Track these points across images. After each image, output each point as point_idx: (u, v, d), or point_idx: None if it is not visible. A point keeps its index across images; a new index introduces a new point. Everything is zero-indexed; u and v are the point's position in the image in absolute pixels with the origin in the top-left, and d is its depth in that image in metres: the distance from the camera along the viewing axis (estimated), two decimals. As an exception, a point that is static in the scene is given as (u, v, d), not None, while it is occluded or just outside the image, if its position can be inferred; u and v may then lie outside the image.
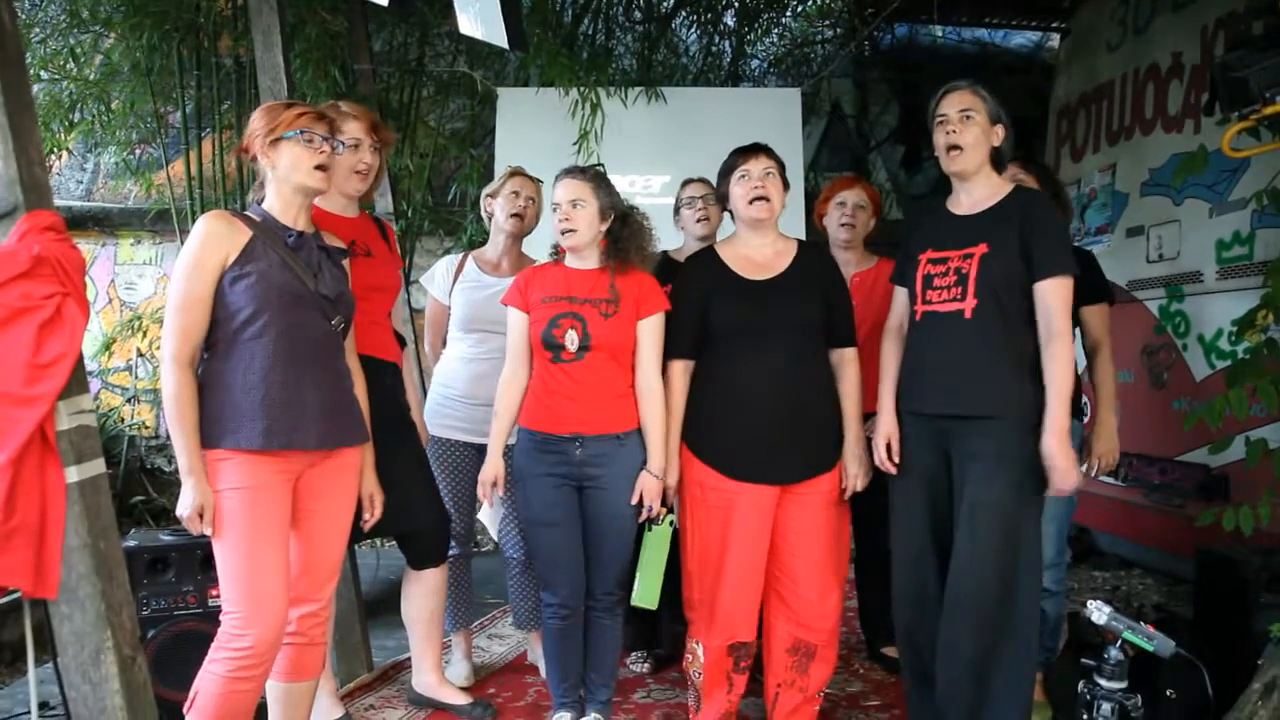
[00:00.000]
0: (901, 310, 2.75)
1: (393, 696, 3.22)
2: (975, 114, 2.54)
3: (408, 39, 6.04)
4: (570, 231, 2.70)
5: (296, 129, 2.28)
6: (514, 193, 3.29)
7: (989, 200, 2.58)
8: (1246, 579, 2.90)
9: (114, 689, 2.10)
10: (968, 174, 2.59)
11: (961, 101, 2.55)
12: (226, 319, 2.21)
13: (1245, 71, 2.67)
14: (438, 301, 3.39)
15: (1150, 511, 4.61)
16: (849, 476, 2.72)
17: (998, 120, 2.57)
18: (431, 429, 3.27)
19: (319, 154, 2.30)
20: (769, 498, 2.69)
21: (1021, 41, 7.34)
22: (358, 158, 2.78)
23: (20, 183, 2.07)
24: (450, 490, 3.24)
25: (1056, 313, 2.44)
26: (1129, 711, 2.14)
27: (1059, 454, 2.39)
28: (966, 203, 2.61)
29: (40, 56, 5.28)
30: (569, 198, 2.70)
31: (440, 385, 3.32)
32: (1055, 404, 2.40)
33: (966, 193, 2.62)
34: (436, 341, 3.47)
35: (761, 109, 5.55)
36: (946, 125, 2.56)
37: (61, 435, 2.08)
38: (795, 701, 2.78)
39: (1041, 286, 2.46)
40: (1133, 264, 4.81)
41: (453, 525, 3.26)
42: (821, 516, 2.71)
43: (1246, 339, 3.11)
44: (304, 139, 2.28)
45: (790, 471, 2.69)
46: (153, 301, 6.35)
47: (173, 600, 2.90)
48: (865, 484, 2.73)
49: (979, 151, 2.55)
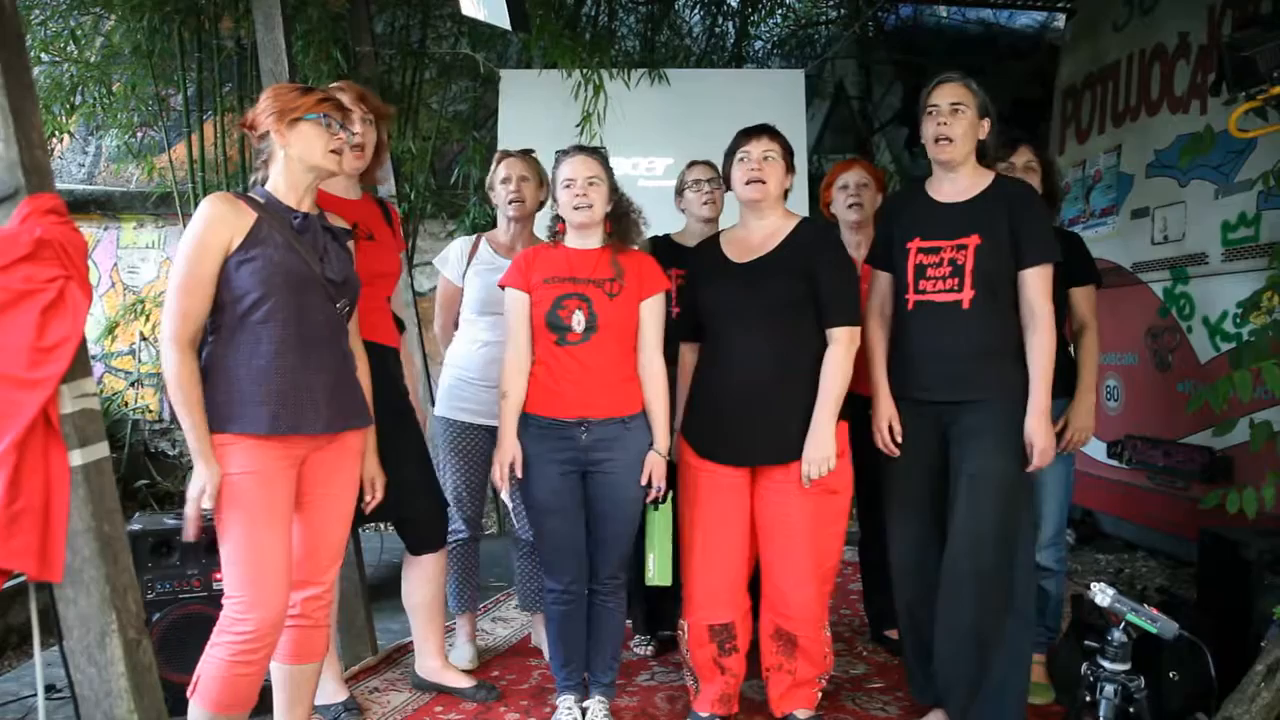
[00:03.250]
0: (885, 294, 2.78)
1: (397, 679, 3.23)
2: (965, 107, 2.61)
3: (409, 21, 6.01)
4: (586, 207, 2.68)
5: (319, 113, 2.28)
6: (504, 179, 3.26)
7: (973, 189, 2.65)
8: (1250, 561, 2.90)
9: (119, 672, 2.11)
10: (955, 164, 2.65)
11: (953, 94, 2.62)
12: (231, 302, 2.20)
13: (1253, 51, 2.65)
14: (451, 283, 3.37)
15: (1154, 494, 4.61)
16: (804, 463, 2.60)
17: (985, 114, 2.64)
18: (444, 412, 3.27)
19: (335, 139, 2.30)
20: (737, 479, 2.70)
21: (1027, 22, 7.29)
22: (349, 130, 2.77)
23: (22, 166, 2.06)
24: (463, 474, 3.24)
25: (1038, 299, 2.56)
26: (1132, 693, 2.14)
27: (1039, 433, 2.53)
28: (950, 191, 2.67)
29: (40, 39, 5.26)
30: (586, 174, 2.68)
31: (454, 368, 3.30)
32: (1037, 385, 2.55)
33: (951, 181, 2.68)
34: (448, 323, 3.45)
35: (765, 91, 5.53)
36: (937, 116, 2.63)
37: (65, 419, 2.08)
38: (785, 684, 2.79)
39: (1025, 274, 2.58)
40: (1138, 246, 4.79)
41: (464, 509, 3.27)
42: (795, 506, 2.65)
43: (1252, 321, 3.11)
44: (324, 122, 2.29)
45: (752, 454, 2.69)
46: (155, 285, 6.34)
47: (178, 583, 2.91)
48: (823, 473, 2.59)
49: (967, 143, 2.63)
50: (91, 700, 2.14)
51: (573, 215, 2.70)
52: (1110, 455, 4.89)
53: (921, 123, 2.68)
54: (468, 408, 3.24)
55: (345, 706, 2.91)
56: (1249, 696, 2.43)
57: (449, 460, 3.28)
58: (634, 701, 3.07)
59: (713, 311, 2.75)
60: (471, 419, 3.24)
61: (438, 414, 3.33)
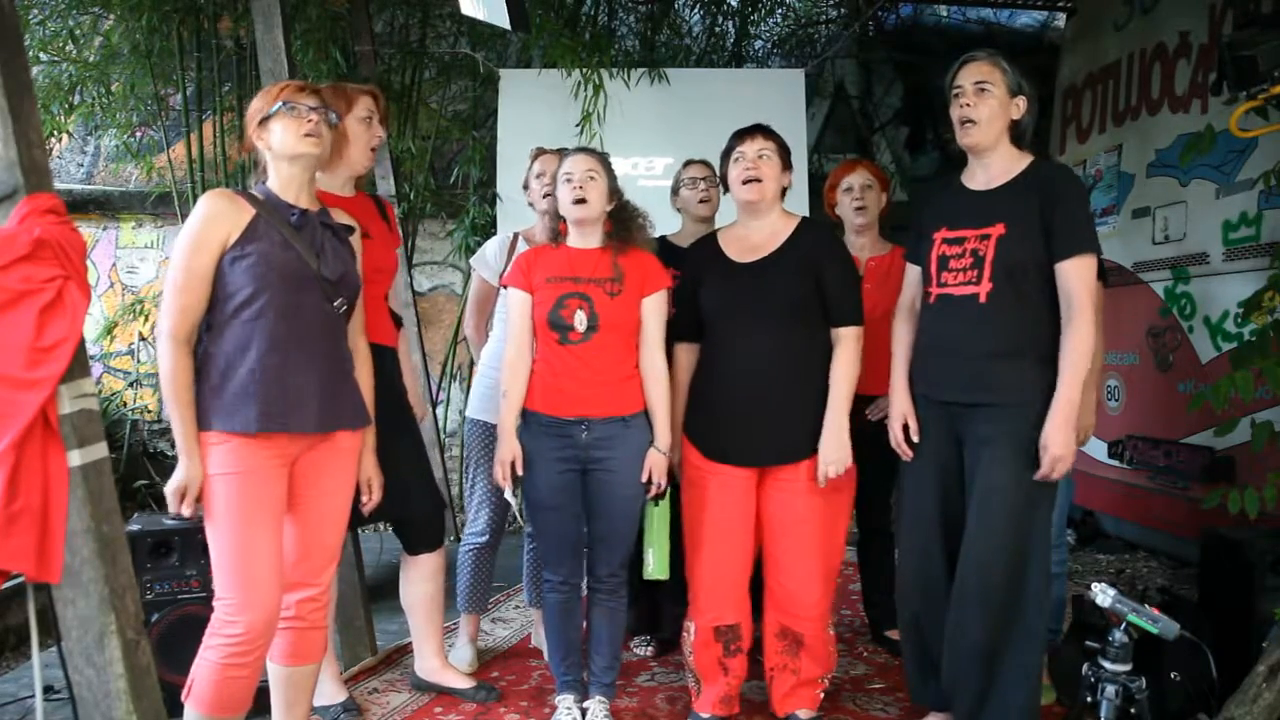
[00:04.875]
0: (914, 288, 2.70)
1: (396, 680, 3.23)
2: (992, 86, 2.46)
3: (409, 20, 6.01)
4: (582, 201, 2.67)
5: (278, 103, 2.27)
6: (539, 174, 3.26)
7: (1006, 175, 2.51)
8: (1251, 561, 2.90)
9: (118, 673, 2.10)
10: (982, 148, 2.51)
11: (978, 73, 2.47)
12: (225, 299, 2.19)
13: (1253, 50, 2.64)
14: (487, 283, 3.33)
15: (1155, 494, 4.61)
16: (820, 463, 2.61)
17: (1018, 92, 2.48)
18: (479, 414, 3.25)
19: (306, 122, 2.27)
20: (744, 480, 2.69)
21: (1027, 21, 7.28)
22: (373, 132, 2.80)
23: (20, 165, 2.05)
24: (489, 475, 3.20)
25: (1078, 292, 2.37)
26: (1133, 694, 2.14)
27: (1056, 439, 2.34)
28: (983, 178, 2.55)
29: (39, 38, 5.26)
30: (583, 169, 2.68)
31: (488, 369, 3.26)
32: (1065, 385, 2.34)
33: (983, 168, 2.55)
34: (481, 323, 3.42)
35: (765, 90, 5.52)
36: (961, 98, 2.48)
37: (64, 419, 2.07)
38: (789, 684, 2.78)
39: (1063, 267, 2.39)
40: (1139, 245, 4.79)
41: (491, 511, 3.25)
42: (803, 505, 2.65)
43: (1253, 321, 3.10)
44: (288, 110, 2.27)
45: (760, 454, 2.67)
46: (154, 285, 6.33)
47: (176, 584, 2.90)
48: (840, 472, 2.60)
49: (995, 125, 2.48)
50: (90, 701, 2.13)
51: (571, 210, 2.69)
52: (1111, 455, 4.88)
53: (950, 109, 2.54)
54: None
55: (344, 707, 2.90)
56: (1251, 697, 2.43)
57: (481, 463, 3.25)
58: (634, 702, 3.06)
59: (716, 311, 2.73)
60: None
61: (473, 416, 3.30)
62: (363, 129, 2.78)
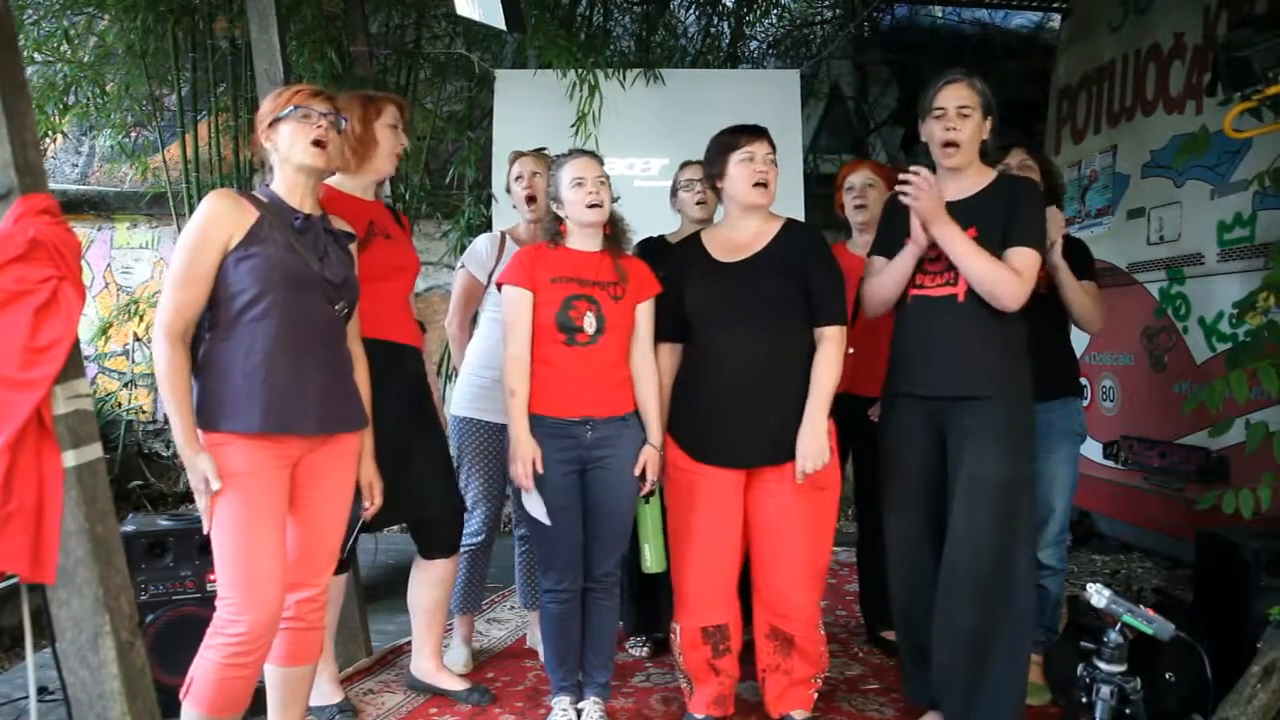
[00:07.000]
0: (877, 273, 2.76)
1: (391, 681, 3.22)
2: (971, 110, 2.59)
3: (404, 20, 6.01)
4: (598, 206, 2.68)
5: (290, 106, 2.27)
6: (518, 177, 3.28)
7: (975, 186, 2.63)
8: (1246, 562, 2.90)
9: (112, 674, 2.10)
10: (961, 169, 2.63)
11: (960, 96, 2.59)
12: (229, 299, 2.19)
13: (1248, 51, 2.65)
14: (475, 280, 3.30)
15: (1150, 495, 4.61)
16: (799, 459, 2.60)
17: (989, 113, 2.62)
18: (467, 412, 3.24)
19: (315, 129, 2.28)
20: (731, 481, 2.69)
21: (1022, 22, 7.30)
22: (398, 139, 2.83)
23: (15, 166, 2.05)
24: (483, 474, 3.22)
25: (1021, 270, 2.51)
26: (1128, 695, 2.14)
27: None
28: (954, 189, 2.64)
29: (34, 39, 5.24)
30: (595, 174, 2.70)
31: (479, 367, 3.25)
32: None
33: (954, 180, 2.65)
34: (465, 319, 3.40)
35: (760, 91, 5.51)
36: (945, 120, 2.59)
37: (58, 420, 2.07)
38: (781, 685, 2.78)
39: (1008, 253, 2.53)
40: (1133, 246, 4.79)
41: (485, 510, 3.25)
42: (791, 506, 2.65)
43: (1247, 321, 3.10)
44: (299, 115, 2.27)
45: (747, 455, 2.67)
46: (149, 285, 6.32)
47: (171, 585, 2.89)
48: (818, 468, 2.60)
49: (973, 146, 2.62)
50: (84, 703, 2.13)
51: (586, 214, 2.69)
52: (1106, 456, 4.89)
53: (925, 122, 2.66)
54: (493, 407, 3.16)
55: (340, 708, 2.89)
56: (1245, 698, 2.43)
57: (475, 462, 3.24)
58: (629, 703, 3.06)
59: (702, 311, 2.73)
60: (497, 419, 3.14)
61: (459, 414, 3.28)
62: (389, 135, 2.80)
